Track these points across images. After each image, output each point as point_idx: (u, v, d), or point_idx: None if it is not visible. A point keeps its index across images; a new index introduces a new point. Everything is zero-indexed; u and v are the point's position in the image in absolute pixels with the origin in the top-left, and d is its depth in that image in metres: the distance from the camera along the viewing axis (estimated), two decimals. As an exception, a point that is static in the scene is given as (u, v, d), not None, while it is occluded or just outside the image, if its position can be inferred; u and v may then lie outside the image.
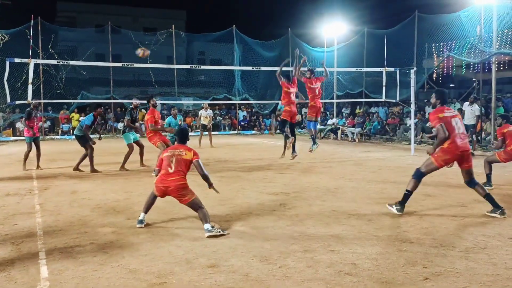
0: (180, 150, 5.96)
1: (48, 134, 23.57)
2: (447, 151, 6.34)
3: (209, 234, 5.45)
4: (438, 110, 6.58)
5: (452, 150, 6.31)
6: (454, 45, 18.48)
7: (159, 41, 25.17)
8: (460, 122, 6.54)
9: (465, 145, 6.40)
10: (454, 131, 6.36)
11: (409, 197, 6.57)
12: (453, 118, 6.48)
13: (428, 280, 4.04)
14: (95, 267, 4.48)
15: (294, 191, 8.32)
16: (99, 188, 8.81)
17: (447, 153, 6.35)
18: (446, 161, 6.42)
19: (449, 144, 6.31)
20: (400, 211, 6.48)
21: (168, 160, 5.86)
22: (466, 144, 6.43)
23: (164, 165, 5.88)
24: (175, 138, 6.47)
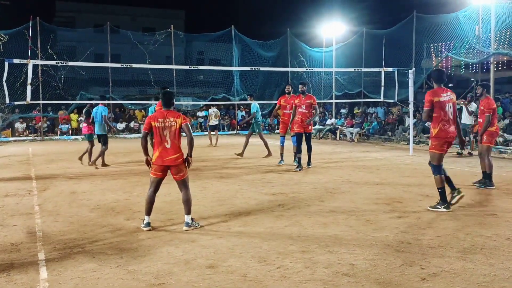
0: (169, 119, 5.81)
1: (47, 135, 23.56)
2: (438, 137, 6.77)
3: (186, 228, 5.78)
4: (434, 92, 6.84)
5: (442, 136, 6.76)
6: (453, 45, 18.52)
7: (158, 41, 25.19)
8: (453, 108, 6.90)
9: (453, 132, 6.87)
10: (445, 117, 6.76)
11: (445, 192, 6.79)
12: (448, 102, 6.83)
13: (426, 281, 4.06)
14: (94, 268, 4.50)
15: (293, 191, 8.34)
16: (98, 189, 8.83)
17: (439, 139, 6.77)
18: (442, 145, 6.80)
19: (439, 131, 6.75)
20: (448, 207, 6.69)
21: (161, 132, 5.79)
22: (453, 131, 6.87)
23: (158, 139, 5.83)
24: None
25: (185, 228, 5.80)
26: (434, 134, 6.82)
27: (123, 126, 25.20)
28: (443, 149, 6.81)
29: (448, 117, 6.77)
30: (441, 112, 6.74)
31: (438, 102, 6.74)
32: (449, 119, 6.77)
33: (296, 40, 26.42)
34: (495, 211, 6.65)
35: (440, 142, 6.78)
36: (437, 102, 6.73)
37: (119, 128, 25.23)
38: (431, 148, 6.88)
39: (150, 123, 5.87)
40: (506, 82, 25.93)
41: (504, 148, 14.92)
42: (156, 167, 5.85)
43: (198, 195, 8.00)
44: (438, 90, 6.87)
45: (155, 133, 5.87)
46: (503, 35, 16.12)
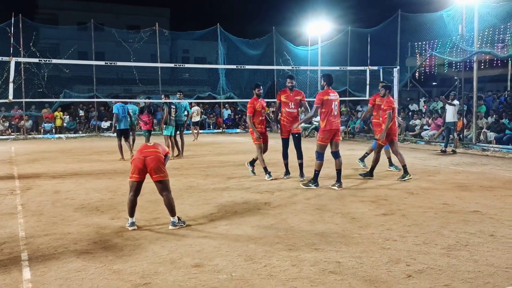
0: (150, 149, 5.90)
1: (30, 133, 23.27)
2: (325, 128, 8.30)
3: (172, 228, 5.75)
4: (325, 92, 8.38)
5: (328, 129, 8.29)
6: (437, 44, 18.69)
7: (143, 39, 25.03)
8: (337, 106, 8.45)
9: (337, 125, 8.44)
10: (331, 113, 8.29)
11: (318, 175, 8.57)
12: (334, 101, 8.36)
13: (411, 278, 4.09)
14: (79, 268, 4.44)
15: (279, 189, 8.34)
16: (82, 188, 8.73)
17: (326, 132, 8.32)
18: (327, 137, 8.37)
19: (327, 124, 8.28)
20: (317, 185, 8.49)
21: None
22: (337, 124, 8.46)
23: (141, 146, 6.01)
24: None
25: (171, 227, 5.77)
26: (322, 127, 8.34)
27: (108, 125, 24.99)
28: (327, 141, 8.40)
29: (333, 113, 8.30)
30: (328, 109, 8.27)
31: (327, 100, 8.27)
32: (334, 115, 8.32)
33: (281, 39, 26.44)
34: (479, 208, 6.72)
35: (326, 135, 8.34)
36: (326, 100, 8.27)
37: (103, 126, 25.02)
38: (319, 140, 8.46)
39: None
40: (488, 81, 26.28)
41: (487, 145, 15.11)
42: (133, 166, 5.76)
43: (184, 194, 7.96)
44: (328, 91, 8.40)
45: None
46: (486, 34, 16.32)
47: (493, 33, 16.37)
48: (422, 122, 19.20)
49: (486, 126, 16.36)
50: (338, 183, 8.41)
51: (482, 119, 16.79)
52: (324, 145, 8.42)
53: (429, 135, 17.95)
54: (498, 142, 14.95)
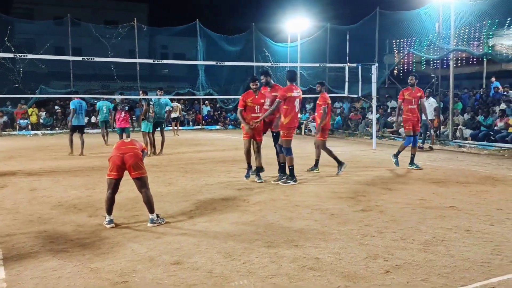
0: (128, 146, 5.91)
1: (5, 130, 22.80)
2: (290, 125, 8.39)
3: (151, 225, 5.70)
4: (288, 88, 8.47)
5: (292, 126, 8.44)
6: (414, 42, 18.92)
7: (121, 35, 24.72)
8: (299, 102, 8.66)
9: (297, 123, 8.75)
10: (294, 110, 8.41)
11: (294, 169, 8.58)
12: (297, 98, 8.49)
13: (389, 273, 4.13)
14: (55, 267, 4.37)
15: (258, 186, 8.34)
16: (59, 185, 8.60)
17: (290, 128, 8.43)
18: (291, 132, 8.50)
19: (290, 121, 8.37)
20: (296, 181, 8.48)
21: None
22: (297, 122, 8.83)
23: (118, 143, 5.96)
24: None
25: (149, 225, 5.72)
26: (285, 123, 8.36)
27: (85, 121, 24.64)
28: (292, 135, 8.54)
29: (296, 110, 8.45)
30: (292, 105, 8.37)
31: (290, 97, 8.37)
32: (296, 112, 8.49)
33: (261, 35, 26.43)
34: (455, 203, 6.83)
35: (291, 130, 8.45)
36: (289, 97, 8.35)
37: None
38: (284, 136, 8.43)
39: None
40: (465, 78, 26.70)
41: (463, 142, 15.37)
42: (112, 164, 5.69)
43: (162, 191, 7.90)
44: (291, 87, 8.52)
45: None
46: (462, 32, 16.58)
47: (469, 31, 16.63)
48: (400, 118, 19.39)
49: (462, 123, 16.63)
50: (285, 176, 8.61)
51: (458, 116, 17.07)
52: (290, 140, 8.52)
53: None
54: (473, 139, 15.22)
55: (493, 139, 14.55)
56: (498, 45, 17.19)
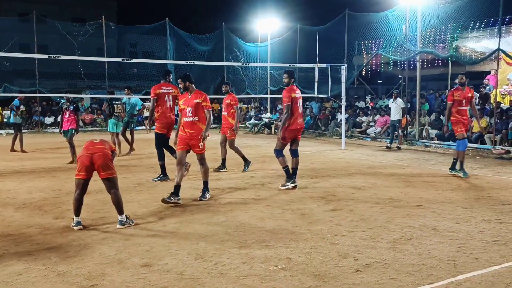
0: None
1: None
2: (292, 129, 7.98)
3: (120, 227, 5.62)
4: (291, 89, 8.03)
5: (294, 128, 8.00)
6: (382, 43, 19.22)
7: (88, 32, 24.26)
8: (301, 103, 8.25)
9: (302, 124, 8.25)
10: (298, 111, 8.04)
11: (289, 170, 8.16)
12: (299, 99, 8.14)
13: (359, 272, 4.18)
14: (20, 271, 4.24)
15: (229, 186, 8.32)
16: (24, 187, 8.37)
17: (292, 130, 7.99)
18: (290, 136, 8.04)
19: (293, 124, 7.96)
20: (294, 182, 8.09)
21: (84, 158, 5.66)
22: (302, 123, 8.28)
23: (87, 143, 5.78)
24: None
25: (118, 227, 5.62)
26: (289, 126, 7.98)
27: (51, 120, 24.11)
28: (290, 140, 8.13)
29: (299, 111, 8.13)
30: (295, 107, 7.99)
31: (294, 98, 7.96)
32: (300, 113, 8.16)
33: (231, 35, 26.40)
34: (422, 202, 6.97)
35: (291, 134, 8.06)
36: (293, 98, 7.95)
37: (46, 122, 24.13)
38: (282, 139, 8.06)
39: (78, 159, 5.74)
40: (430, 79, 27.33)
41: (429, 142, 15.71)
42: (80, 164, 5.58)
43: (132, 192, 7.79)
44: (293, 87, 8.14)
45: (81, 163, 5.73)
46: (429, 35, 16.95)
47: (435, 33, 17.03)
48: (368, 119, 19.71)
49: (428, 123, 17.00)
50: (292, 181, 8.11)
51: (425, 116, 17.43)
52: (285, 144, 8.17)
53: (375, 132, 18.46)
54: (439, 139, 15.56)
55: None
56: (463, 48, 17.67)
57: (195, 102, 7.08)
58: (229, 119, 10.00)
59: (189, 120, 7.11)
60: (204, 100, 7.13)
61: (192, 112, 7.09)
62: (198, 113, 7.10)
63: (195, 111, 7.09)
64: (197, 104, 7.08)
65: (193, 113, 7.09)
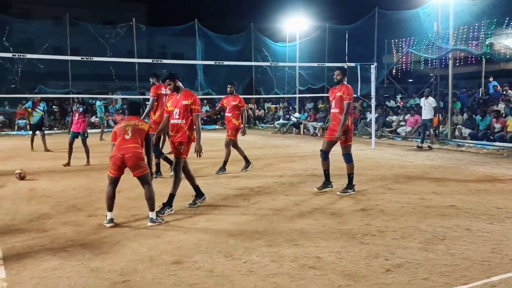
0: (135, 121, 5.93)
1: (4, 130, 22.74)
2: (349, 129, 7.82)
3: (151, 224, 5.69)
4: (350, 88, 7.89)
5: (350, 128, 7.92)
6: (413, 41, 18.91)
7: (119, 35, 24.68)
8: None
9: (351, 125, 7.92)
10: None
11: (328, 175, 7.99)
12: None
13: (390, 272, 4.13)
14: (55, 267, 4.36)
15: (258, 186, 8.33)
16: (58, 185, 8.58)
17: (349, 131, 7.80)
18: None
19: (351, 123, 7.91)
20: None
21: (123, 129, 5.81)
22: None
23: (118, 135, 5.80)
24: None
25: (149, 224, 5.71)
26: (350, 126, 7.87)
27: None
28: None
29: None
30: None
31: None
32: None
33: (260, 35, 26.42)
34: (455, 202, 6.83)
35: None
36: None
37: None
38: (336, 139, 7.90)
39: (114, 131, 5.87)
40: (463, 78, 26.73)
41: (462, 141, 15.38)
42: (112, 163, 5.70)
43: (162, 191, 7.86)
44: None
45: (117, 135, 5.81)
46: (461, 32, 16.59)
47: (468, 30, 16.64)
48: (399, 118, 19.43)
49: (461, 123, 16.64)
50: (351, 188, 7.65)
51: (457, 115, 17.07)
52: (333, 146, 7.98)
53: (405, 131, 18.18)
54: (472, 138, 15.21)
55: (492, 138, 14.56)
56: (497, 45, 17.20)
57: (184, 104, 6.42)
58: (233, 120, 9.90)
59: (175, 122, 6.45)
60: (193, 103, 6.45)
61: (179, 114, 6.42)
62: (186, 116, 6.41)
63: (182, 113, 6.41)
64: (185, 106, 6.42)
65: (180, 115, 6.42)
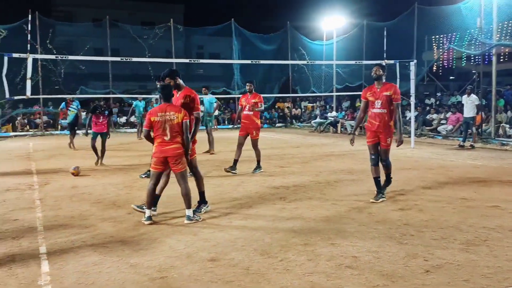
0: (170, 113, 5.76)
1: (48, 130, 23.52)
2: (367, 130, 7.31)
3: (188, 222, 5.76)
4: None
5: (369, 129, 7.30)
6: (454, 37, 18.42)
7: (157, 35, 25.10)
8: None
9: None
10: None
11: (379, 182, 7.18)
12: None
13: (429, 273, 4.03)
14: (96, 261, 4.47)
15: (294, 184, 8.31)
16: (99, 183, 8.80)
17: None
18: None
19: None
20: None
21: (160, 126, 5.75)
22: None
23: (157, 132, 5.79)
24: None
25: (186, 222, 5.78)
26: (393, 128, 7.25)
27: (124, 121, 25.16)
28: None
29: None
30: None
31: None
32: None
33: (296, 33, 26.34)
34: (498, 203, 6.61)
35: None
36: None
37: (119, 122, 25.20)
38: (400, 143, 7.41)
39: (150, 119, 5.81)
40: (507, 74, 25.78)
41: (506, 140, 14.88)
42: (156, 159, 5.84)
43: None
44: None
45: (154, 127, 5.83)
46: (505, 27, 16.03)
47: (512, 25, 16.08)
48: (439, 116, 18.97)
49: (505, 121, 16.10)
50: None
51: (501, 113, 16.53)
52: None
53: (446, 130, 17.74)
54: (517, 137, 14.71)
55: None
56: (544, 39, 16.56)
57: (181, 102, 6.21)
58: (255, 120, 9.70)
59: None
60: (191, 101, 6.21)
61: None
62: None
63: None
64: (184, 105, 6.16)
65: None
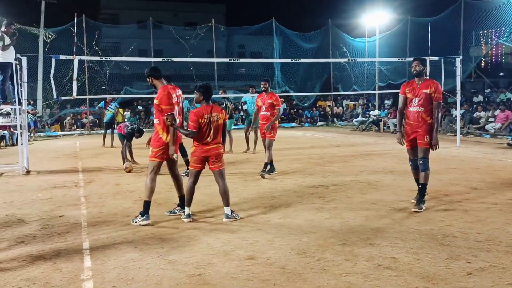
0: (214, 114, 5.82)
1: (94, 129, 24.23)
2: None
3: (226, 220, 5.82)
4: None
5: None
6: (504, 32, 17.75)
7: (199, 36, 25.42)
8: None
9: None
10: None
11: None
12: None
13: (472, 276, 3.90)
14: (136, 258, 4.57)
15: (334, 184, 8.22)
16: (141, 181, 8.96)
17: None
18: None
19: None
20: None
21: (206, 127, 5.78)
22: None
23: (199, 133, 5.79)
24: None
25: (224, 220, 5.83)
26: None
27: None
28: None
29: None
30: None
31: None
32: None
33: (338, 31, 26.06)
34: (549, 204, 6.33)
35: None
36: None
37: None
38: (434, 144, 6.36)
39: (198, 120, 5.75)
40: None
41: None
42: (195, 158, 5.91)
43: (238, 188, 8.01)
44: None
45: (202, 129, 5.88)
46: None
47: None
48: (487, 114, 18.33)
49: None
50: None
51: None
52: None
53: (494, 128, 17.11)
54: None
55: None
56: None
57: (155, 103, 5.99)
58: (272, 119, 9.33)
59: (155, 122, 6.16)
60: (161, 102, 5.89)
61: (155, 114, 6.08)
62: (158, 115, 5.97)
63: (156, 113, 6.05)
64: (156, 106, 5.97)
65: (155, 115, 6.08)
